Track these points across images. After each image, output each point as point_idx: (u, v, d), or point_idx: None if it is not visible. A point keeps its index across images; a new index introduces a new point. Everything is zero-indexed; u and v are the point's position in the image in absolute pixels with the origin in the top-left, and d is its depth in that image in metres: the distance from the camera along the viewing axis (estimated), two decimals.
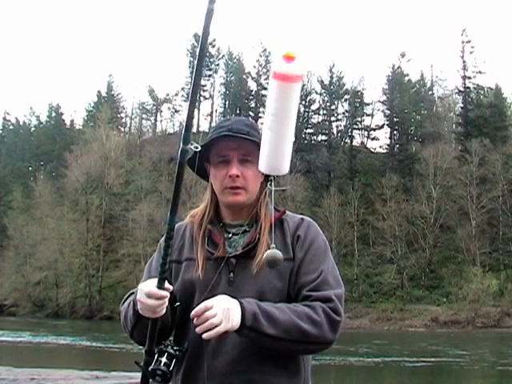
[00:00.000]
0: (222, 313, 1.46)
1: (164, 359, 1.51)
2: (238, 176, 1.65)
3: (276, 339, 1.51)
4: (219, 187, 1.69)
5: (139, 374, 1.66)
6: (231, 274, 1.63)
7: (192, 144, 1.50)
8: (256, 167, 1.64)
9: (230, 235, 1.70)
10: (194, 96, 1.50)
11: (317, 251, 1.66)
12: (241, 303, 1.50)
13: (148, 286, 1.51)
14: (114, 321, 41.87)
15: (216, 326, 1.45)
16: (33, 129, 76.48)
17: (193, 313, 1.48)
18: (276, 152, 1.50)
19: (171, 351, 1.53)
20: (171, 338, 1.66)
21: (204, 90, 67.31)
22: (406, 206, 47.40)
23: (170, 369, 1.51)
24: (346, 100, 61.08)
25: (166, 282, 1.52)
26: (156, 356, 1.52)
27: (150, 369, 1.51)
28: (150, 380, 1.57)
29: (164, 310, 1.53)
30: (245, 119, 1.76)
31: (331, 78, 60.72)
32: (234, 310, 1.48)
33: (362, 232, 48.98)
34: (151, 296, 1.48)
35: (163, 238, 1.76)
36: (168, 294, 1.51)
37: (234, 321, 1.47)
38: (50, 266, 52.86)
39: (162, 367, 1.49)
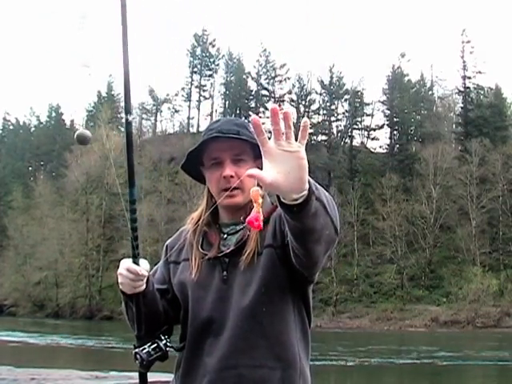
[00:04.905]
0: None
1: (149, 348, 1.60)
2: (232, 176, 1.65)
3: (326, 209, 1.35)
4: (215, 189, 1.70)
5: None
6: (224, 273, 1.64)
7: (131, 114, 1.60)
8: (250, 166, 1.64)
9: (225, 235, 1.71)
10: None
11: None
12: None
13: (128, 261, 1.61)
14: (114, 321, 41.85)
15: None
16: (33, 129, 76.49)
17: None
18: None
19: (161, 345, 1.61)
20: (167, 336, 1.69)
21: (204, 90, 67.39)
22: (405, 205, 47.38)
23: (150, 358, 1.59)
24: (346, 100, 61.07)
25: (145, 262, 1.62)
26: (147, 343, 1.61)
27: (134, 351, 1.61)
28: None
29: (143, 287, 1.61)
30: (234, 119, 1.75)
31: (331, 78, 60.71)
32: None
33: (361, 232, 48.95)
34: (129, 270, 1.58)
35: (169, 241, 1.84)
36: (145, 273, 1.59)
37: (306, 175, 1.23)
38: (50, 266, 52.84)
39: (143, 354, 1.58)
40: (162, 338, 1.64)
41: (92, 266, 52.52)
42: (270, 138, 1.18)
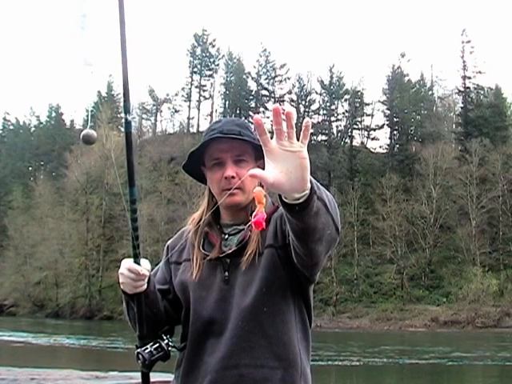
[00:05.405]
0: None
1: (151, 348, 1.60)
2: (233, 177, 1.65)
3: (327, 208, 1.35)
4: (216, 189, 1.70)
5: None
6: (226, 273, 1.65)
7: (131, 114, 1.59)
8: (252, 167, 1.64)
9: (227, 236, 1.71)
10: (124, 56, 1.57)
11: None
12: None
13: (129, 261, 1.61)
14: (114, 321, 41.88)
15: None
16: (33, 129, 76.49)
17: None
18: None
19: (163, 344, 1.62)
20: (169, 336, 1.68)
21: (204, 90, 67.36)
22: (405, 205, 47.37)
23: (152, 358, 1.59)
24: (346, 100, 61.03)
25: (147, 262, 1.62)
26: (149, 343, 1.61)
27: (137, 351, 1.61)
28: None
29: (144, 287, 1.61)
30: (235, 119, 1.76)
31: (331, 77, 60.68)
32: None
33: (362, 232, 48.94)
34: (130, 270, 1.57)
35: (170, 241, 1.84)
36: (146, 273, 1.59)
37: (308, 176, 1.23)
38: (50, 266, 52.86)
39: (145, 354, 1.59)
40: (164, 337, 1.64)
41: (92, 266, 52.48)
42: (271, 138, 1.18)
